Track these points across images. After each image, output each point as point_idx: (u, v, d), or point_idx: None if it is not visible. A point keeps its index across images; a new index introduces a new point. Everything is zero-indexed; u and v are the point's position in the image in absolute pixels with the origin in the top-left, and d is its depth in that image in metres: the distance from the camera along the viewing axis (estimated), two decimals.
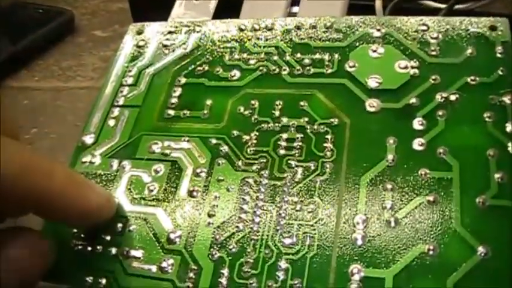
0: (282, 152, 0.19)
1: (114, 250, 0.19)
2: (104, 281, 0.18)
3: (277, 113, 0.20)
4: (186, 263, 0.18)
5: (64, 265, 0.19)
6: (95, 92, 0.24)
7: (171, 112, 0.22)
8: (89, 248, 0.19)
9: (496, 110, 0.18)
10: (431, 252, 0.16)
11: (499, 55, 0.19)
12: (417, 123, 0.19)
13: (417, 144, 0.18)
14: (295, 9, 0.25)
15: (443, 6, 0.27)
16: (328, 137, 0.19)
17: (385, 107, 0.19)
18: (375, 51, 0.21)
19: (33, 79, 0.37)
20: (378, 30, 0.21)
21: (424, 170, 0.17)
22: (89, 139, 0.22)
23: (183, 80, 0.23)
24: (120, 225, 0.19)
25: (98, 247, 0.19)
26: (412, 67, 0.20)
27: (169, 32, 0.25)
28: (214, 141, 0.20)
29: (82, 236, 0.19)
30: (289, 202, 0.18)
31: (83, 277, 0.18)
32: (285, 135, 0.20)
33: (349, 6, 0.25)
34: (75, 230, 0.19)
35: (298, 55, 0.22)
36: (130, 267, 0.18)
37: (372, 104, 0.20)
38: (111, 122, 0.22)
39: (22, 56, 0.38)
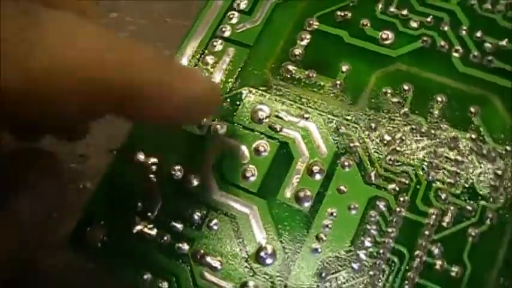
0: (433, 175, 0.14)
1: (185, 247, 0.14)
2: (165, 285, 0.14)
3: (436, 113, 0.15)
4: None
5: (117, 251, 0.15)
6: None
7: (292, 68, 0.16)
8: (153, 233, 0.14)
9: None
10: None
11: None
12: None
13: None
14: None
15: None
16: (498, 171, 0.14)
17: None
18: None
19: None
20: None
21: None
22: None
23: (315, 24, 0.16)
24: (198, 214, 0.14)
25: (165, 237, 0.14)
26: None
27: None
28: (343, 129, 0.15)
29: (149, 213, 0.15)
30: (429, 253, 0.13)
31: (140, 272, 0.14)
32: (440, 151, 0.14)
33: None
34: (139, 204, 0.15)
35: (479, 34, 0.15)
36: (201, 278, 0.14)
37: None
38: (210, 59, 0.17)
39: None
